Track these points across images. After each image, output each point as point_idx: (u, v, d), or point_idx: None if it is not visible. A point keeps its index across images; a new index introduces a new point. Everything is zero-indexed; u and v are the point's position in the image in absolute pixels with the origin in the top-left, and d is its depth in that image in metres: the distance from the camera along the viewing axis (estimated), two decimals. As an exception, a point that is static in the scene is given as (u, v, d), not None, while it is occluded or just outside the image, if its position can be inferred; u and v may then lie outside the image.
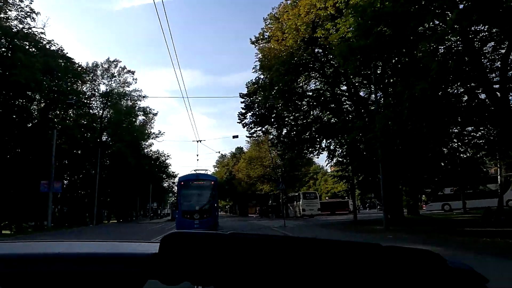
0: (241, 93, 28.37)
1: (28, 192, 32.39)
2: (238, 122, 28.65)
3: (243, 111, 28.34)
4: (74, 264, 0.91)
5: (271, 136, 30.83)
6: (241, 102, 28.46)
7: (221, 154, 79.99)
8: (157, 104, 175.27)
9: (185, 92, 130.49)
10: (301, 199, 45.17)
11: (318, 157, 28.73)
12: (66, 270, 0.89)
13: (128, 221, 51.99)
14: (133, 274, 0.88)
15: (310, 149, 28.83)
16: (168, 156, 69.54)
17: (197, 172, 24.26)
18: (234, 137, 26.88)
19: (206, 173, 25.60)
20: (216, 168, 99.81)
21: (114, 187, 57.10)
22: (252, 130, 28.77)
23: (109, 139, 49.50)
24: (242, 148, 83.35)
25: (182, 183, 21.69)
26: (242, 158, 55.50)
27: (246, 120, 28.51)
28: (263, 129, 29.17)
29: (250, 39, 27.75)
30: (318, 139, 27.58)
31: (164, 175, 71.17)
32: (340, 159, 26.87)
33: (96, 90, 46.39)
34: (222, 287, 0.78)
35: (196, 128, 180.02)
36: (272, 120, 28.03)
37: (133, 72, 48.43)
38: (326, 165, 29.47)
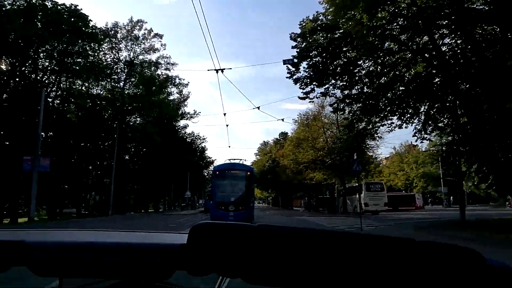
0: (293, 33, 19.63)
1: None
2: (287, 77, 19.97)
3: (295, 60, 19.63)
4: (102, 253, 0.91)
5: (334, 100, 21.88)
6: (292, 47, 19.75)
7: (264, 141, 72.26)
8: (198, 95, 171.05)
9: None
10: (364, 190, 35.85)
11: (406, 126, 19.16)
12: (95, 259, 0.89)
13: (154, 212, 44.55)
14: (161, 264, 0.86)
15: (389, 116, 19.73)
16: (204, 139, 61.86)
17: (233, 162, 23.55)
18: (301, 98, 18.28)
19: (242, 163, 24.06)
20: (257, 156, 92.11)
21: (142, 173, 50.65)
22: (308, 89, 19.94)
23: (134, 115, 42.43)
24: (286, 133, 74.84)
25: (217, 172, 20.81)
26: (288, 141, 46.66)
27: (299, 74, 19.82)
28: (323, 89, 20.28)
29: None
30: (411, 102, 18.49)
31: (200, 161, 63.67)
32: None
33: (117, 57, 39.22)
34: (249, 279, 0.77)
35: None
36: (338, 71, 19.13)
37: (161, 36, 40.80)
38: (417, 141, 20.11)
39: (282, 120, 57.24)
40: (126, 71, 38.92)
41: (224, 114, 48.19)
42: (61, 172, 34.45)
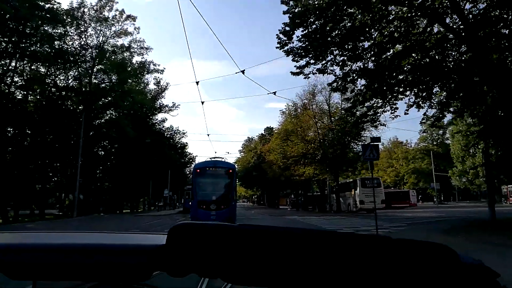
0: (284, -6, 16.03)
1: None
2: (277, 47, 16.40)
3: (287, 27, 16.08)
4: (79, 255, 0.90)
5: (328, 80, 18.42)
6: (284, 13, 16.18)
7: (248, 137, 68.71)
8: (184, 96, 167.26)
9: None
10: (359, 187, 32.69)
11: (422, 107, 15.81)
12: (71, 261, 0.88)
13: (129, 213, 40.42)
14: (139, 265, 0.86)
15: (401, 95, 16.51)
16: (184, 133, 57.63)
17: (214, 159, 23.27)
18: (294, 73, 14.88)
19: (223, 160, 24.09)
20: (242, 153, 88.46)
21: (116, 171, 46.51)
22: (302, 62, 16.43)
23: (107, 108, 38.20)
24: (272, 128, 71.41)
25: (198, 170, 20.09)
26: (275, 134, 43.13)
27: (292, 44, 16.28)
28: (321, 65, 16.76)
29: None
30: (427, 80, 15.25)
31: (181, 158, 59.50)
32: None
33: (85, 42, 34.97)
34: (229, 279, 0.79)
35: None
36: (339, 40, 15.69)
37: (134, 18, 36.76)
38: (425, 130, 16.95)
39: (274, 93, 53.67)
40: (95, 56, 34.66)
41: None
42: (19, 170, 30.34)
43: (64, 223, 24.32)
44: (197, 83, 25.29)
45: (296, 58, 16.36)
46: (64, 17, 30.80)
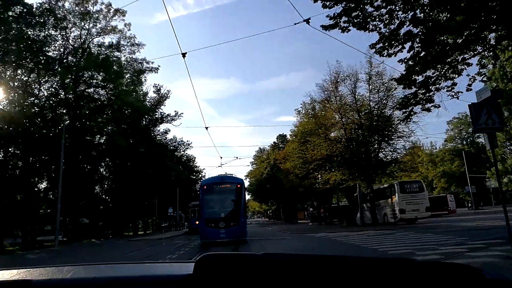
0: None
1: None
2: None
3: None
4: (109, 287, 0.92)
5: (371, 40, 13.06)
6: None
7: (260, 148, 63.44)
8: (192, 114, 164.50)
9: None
10: (397, 193, 27.00)
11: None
12: None
13: (128, 235, 34.92)
14: None
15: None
16: (189, 145, 52.33)
17: (222, 175, 22.22)
18: (325, 27, 10.06)
19: (231, 175, 22.91)
20: (254, 165, 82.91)
21: (116, 189, 41.57)
22: (338, 7, 11.18)
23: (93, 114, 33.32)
24: (285, 135, 66.06)
25: (205, 187, 19.41)
26: (291, 137, 37.59)
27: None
28: (361, 15, 11.51)
29: None
30: None
31: (189, 173, 54.15)
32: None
33: (65, 37, 30.31)
34: None
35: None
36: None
37: (123, 13, 32.15)
38: None
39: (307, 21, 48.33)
40: (76, 55, 29.93)
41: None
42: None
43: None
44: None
45: (328, 3, 11.15)
46: (40, 11, 26.30)
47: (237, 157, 57.85)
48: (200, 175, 65.68)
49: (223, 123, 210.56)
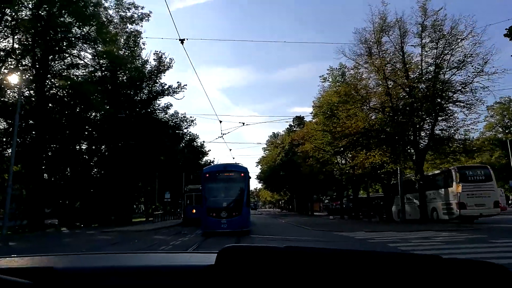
0: None
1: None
2: None
3: None
4: (128, 277, 0.94)
5: None
6: None
7: (273, 133, 57.07)
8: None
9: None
10: (455, 181, 20.27)
11: None
12: (121, 283, 0.92)
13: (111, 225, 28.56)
14: (188, 286, 0.89)
15: None
16: (192, 121, 45.35)
17: (225, 163, 22.83)
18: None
19: (235, 163, 23.26)
20: (266, 151, 76.43)
21: (108, 170, 35.72)
22: None
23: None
24: (302, 117, 59.21)
25: (207, 175, 18.62)
26: (315, 109, 30.50)
27: None
28: None
29: None
30: None
31: (192, 153, 47.63)
32: None
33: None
34: None
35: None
36: None
37: None
38: None
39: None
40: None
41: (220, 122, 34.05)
42: None
43: None
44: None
45: None
46: None
47: (243, 123, 50.68)
48: (205, 158, 59.61)
49: (236, 113, 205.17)
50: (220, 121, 51.95)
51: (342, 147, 23.46)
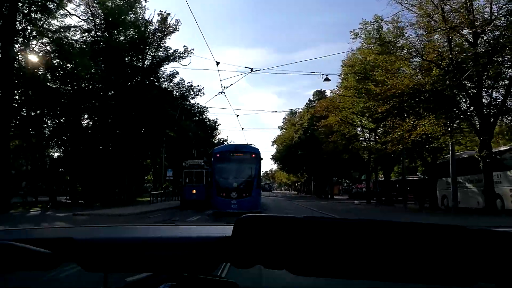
0: None
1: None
2: None
3: None
4: (147, 248, 0.95)
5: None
6: None
7: (291, 110, 52.46)
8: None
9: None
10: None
11: None
12: (140, 254, 0.93)
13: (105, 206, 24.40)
14: (206, 257, 0.90)
15: None
16: (200, 91, 40.04)
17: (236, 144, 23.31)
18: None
19: (246, 144, 22.52)
20: (283, 130, 71.72)
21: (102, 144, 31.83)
22: None
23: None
24: (324, 91, 54.17)
25: (218, 155, 18.70)
26: (345, 68, 25.37)
27: None
28: None
29: None
30: None
31: (194, 126, 42.92)
32: None
33: None
34: (295, 270, 0.79)
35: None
36: None
37: None
38: None
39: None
40: None
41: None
42: None
43: None
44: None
45: None
46: None
47: (251, 69, 45.70)
48: (218, 137, 55.44)
49: (254, 95, 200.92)
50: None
51: (383, 114, 18.49)
